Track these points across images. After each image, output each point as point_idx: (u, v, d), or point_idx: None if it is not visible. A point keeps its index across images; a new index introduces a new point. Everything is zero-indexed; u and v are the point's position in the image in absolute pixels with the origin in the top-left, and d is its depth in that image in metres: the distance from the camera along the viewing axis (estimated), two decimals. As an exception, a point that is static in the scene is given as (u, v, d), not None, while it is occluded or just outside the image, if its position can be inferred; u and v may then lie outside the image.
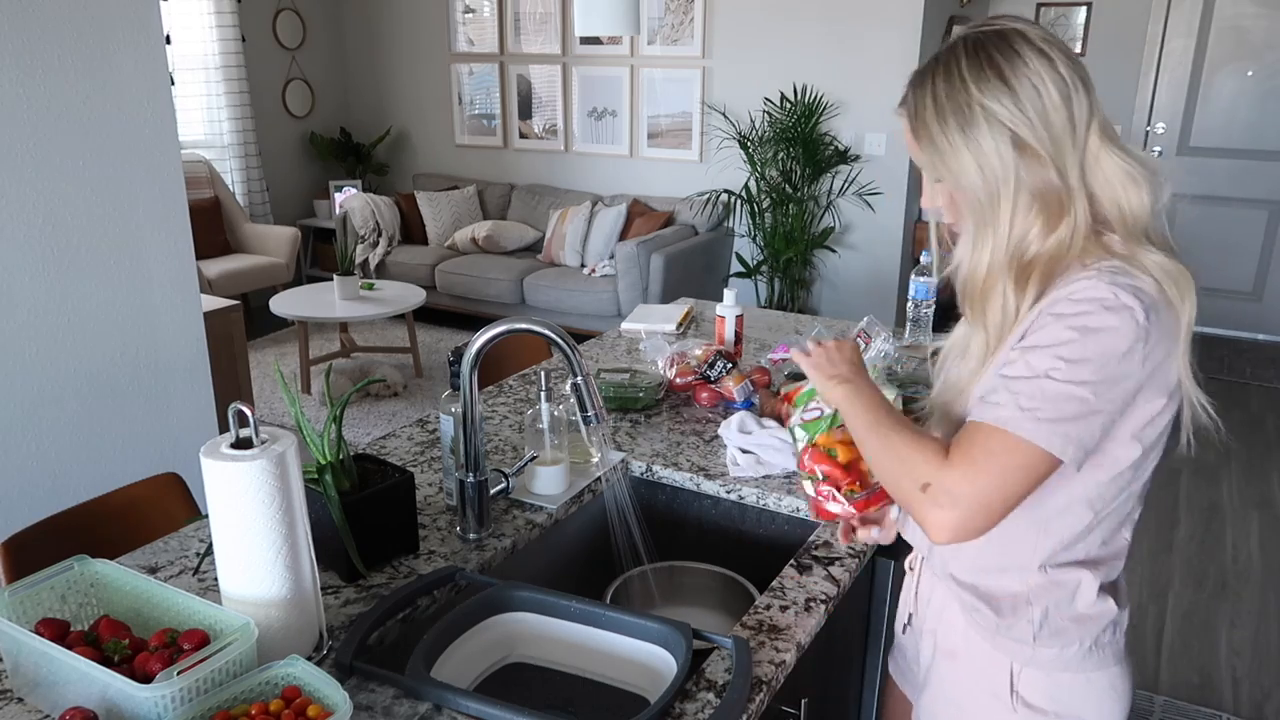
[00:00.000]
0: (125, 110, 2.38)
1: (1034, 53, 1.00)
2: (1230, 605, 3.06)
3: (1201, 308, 1.04)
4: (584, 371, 1.39)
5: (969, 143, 1.02)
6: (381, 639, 1.27)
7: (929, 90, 1.04)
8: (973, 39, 1.03)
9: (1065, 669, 1.14)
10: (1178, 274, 1.02)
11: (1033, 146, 1.00)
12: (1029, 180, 1.01)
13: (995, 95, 1.00)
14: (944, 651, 1.23)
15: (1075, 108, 1.01)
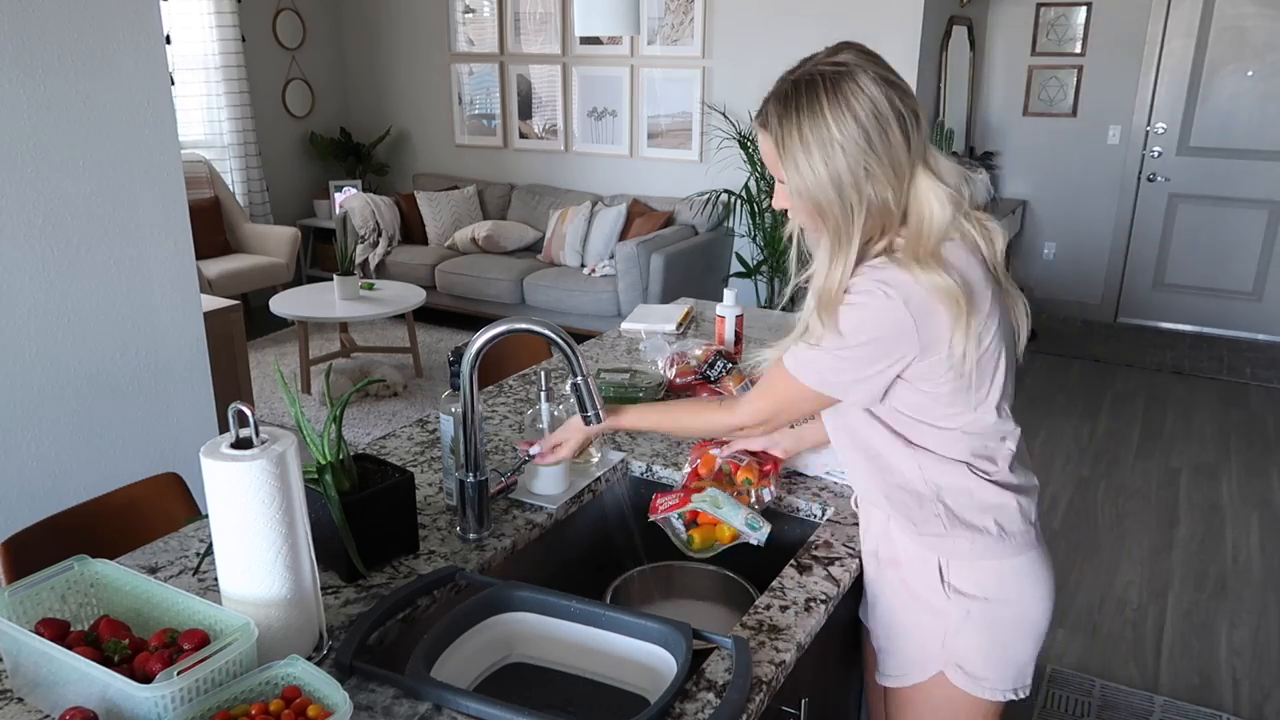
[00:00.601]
0: (125, 110, 2.38)
1: (880, 93, 1.17)
2: (1230, 605, 3.06)
3: (1201, 308, 1.08)
4: (584, 371, 1.39)
5: (830, 172, 1.18)
6: (381, 639, 1.27)
7: (794, 123, 1.19)
8: (829, 75, 1.18)
9: (983, 556, 1.32)
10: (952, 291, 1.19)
11: (878, 176, 1.18)
12: (874, 202, 1.20)
13: (849, 130, 1.16)
14: (887, 562, 1.40)
15: (912, 141, 1.20)
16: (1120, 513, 3.67)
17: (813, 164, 1.19)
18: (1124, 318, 6.00)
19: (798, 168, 1.20)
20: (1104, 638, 2.89)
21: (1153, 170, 5.68)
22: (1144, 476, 3.97)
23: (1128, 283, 5.94)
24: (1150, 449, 4.24)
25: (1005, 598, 1.34)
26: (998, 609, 1.33)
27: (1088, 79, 5.65)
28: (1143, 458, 4.15)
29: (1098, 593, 3.12)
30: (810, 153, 1.18)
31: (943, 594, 1.34)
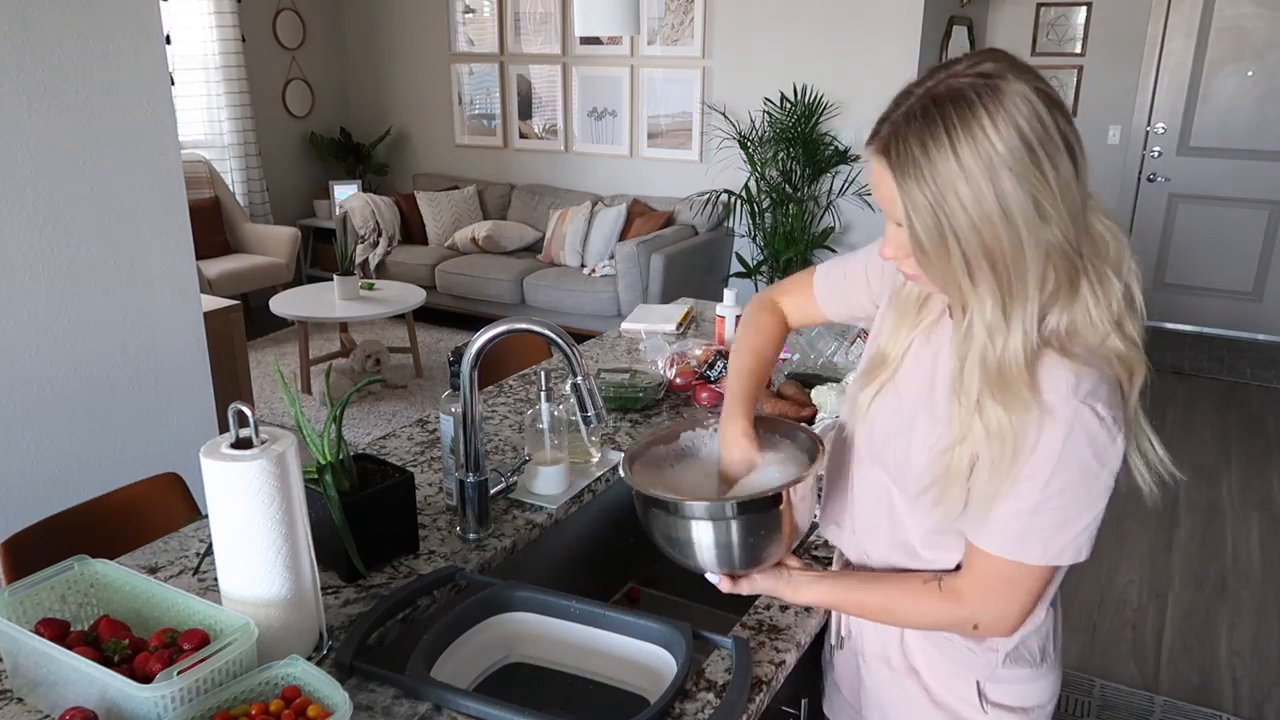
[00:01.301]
0: (125, 110, 2.38)
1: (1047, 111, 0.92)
2: (1230, 605, 3.06)
3: (1201, 308, 1.05)
4: (584, 371, 1.38)
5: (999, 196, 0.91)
6: (381, 639, 1.27)
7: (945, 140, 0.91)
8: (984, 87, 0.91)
9: (1025, 681, 1.20)
10: (1131, 362, 1.01)
11: (1050, 213, 0.92)
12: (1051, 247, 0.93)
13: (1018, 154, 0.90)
14: (902, 670, 1.23)
15: (1082, 175, 0.94)
16: (1120, 513, 3.67)
17: (978, 195, 0.90)
18: (1124, 318, 5.99)
19: (960, 200, 0.91)
20: (1104, 638, 2.89)
21: (1153, 170, 5.68)
22: (1144, 476, 3.96)
23: (1128, 283, 5.93)
24: (1150, 449, 4.23)
25: (1046, 701, 1.23)
26: (1036, 714, 1.22)
27: (1088, 79, 5.65)
28: (1143, 458, 4.14)
29: (1098, 593, 3.12)
30: (973, 180, 0.90)
31: (978, 708, 1.19)
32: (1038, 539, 1.02)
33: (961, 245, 0.93)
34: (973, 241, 0.93)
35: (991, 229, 0.92)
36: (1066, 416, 0.96)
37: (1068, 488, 0.99)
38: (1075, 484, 0.99)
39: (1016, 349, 0.96)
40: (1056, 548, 1.02)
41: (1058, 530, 1.01)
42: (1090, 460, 0.98)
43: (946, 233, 0.93)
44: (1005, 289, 0.94)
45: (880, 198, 0.98)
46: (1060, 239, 0.93)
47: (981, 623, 1.10)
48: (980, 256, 0.93)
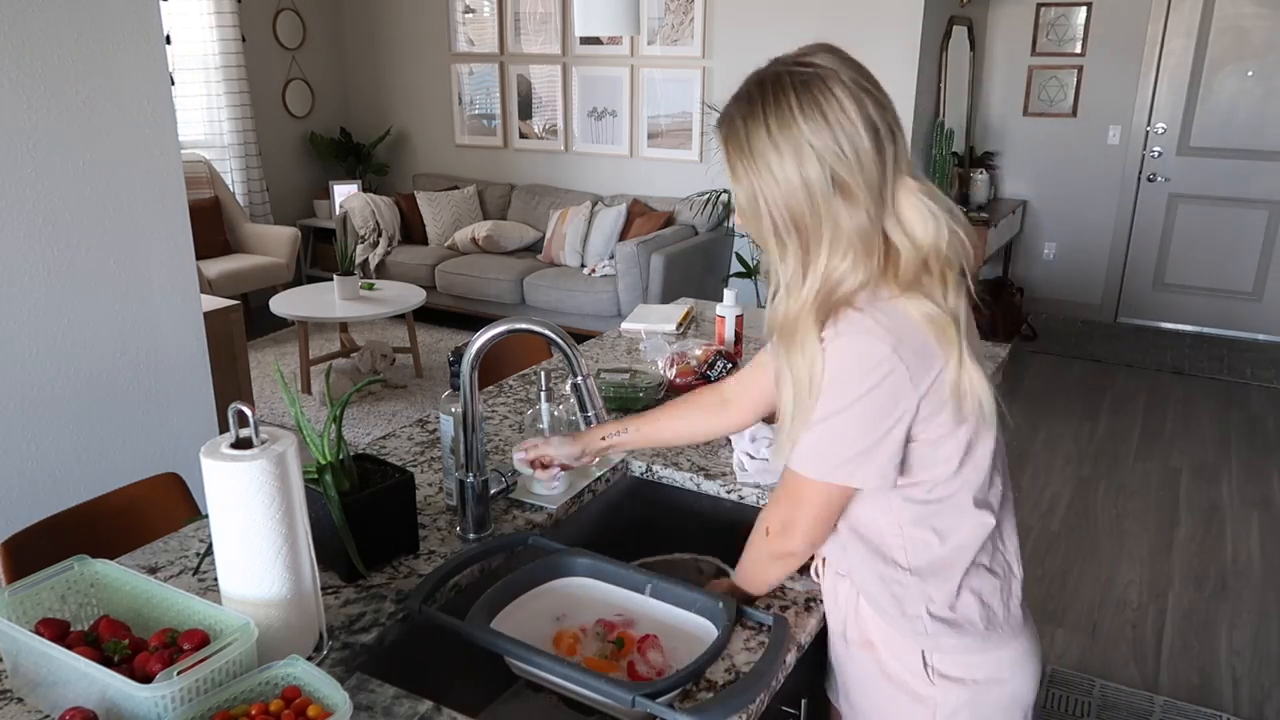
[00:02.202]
0: (125, 110, 2.38)
1: (851, 100, 1.05)
2: (1230, 605, 3.06)
3: (1201, 308, 1.07)
4: (584, 372, 1.39)
5: (801, 173, 1.05)
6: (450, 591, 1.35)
7: (761, 119, 1.06)
8: (798, 76, 1.06)
9: (970, 651, 1.22)
10: (939, 319, 1.09)
11: (851, 188, 1.05)
12: (847, 220, 1.06)
13: (820, 135, 1.04)
14: (859, 643, 1.28)
15: (886, 153, 1.06)
16: (1120, 513, 3.67)
17: (784, 168, 1.06)
18: (1124, 318, 6.00)
19: (770, 170, 1.07)
20: (1104, 638, 2.89)
21: (1153, 170, 5.68)
22: (1144, 476, 3.97)
23: (1128, 283, 5.94)
24: (1150, 449, 4.24)
25: (999, 678, 1.23)
26: (990, 689, 1.23)
27: (1088, 79, 5.66)
28: (1143, 458, 4.15)
29: (1098, 593, 3.12)
30: (781, 154, 1.06)
31: (927, 680, 1.22)
32: (815, 454, 1.13)
33: (772, 211, 1.09)
34: (780, 208, 1.08)
35: (795, 200, 1.07)
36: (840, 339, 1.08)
37: (839, 410, 1.09)
38: (847, 407, 1.09)
39: (805, 302, 1.10)
40: (828, 465, 1.13)
41: (835, 446, 1.12)
42: (858, 378, 1.08)
43: (759, 199, 1.09)
44: (804, 253, 1.10)
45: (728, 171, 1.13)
46: (857, 213, 1.06)
47: (771, 528, 1.23)
48: (788, 221, 1.09)
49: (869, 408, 1.09)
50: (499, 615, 1.28)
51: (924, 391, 1.09)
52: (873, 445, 1.10)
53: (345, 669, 1.19)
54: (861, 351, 1.08)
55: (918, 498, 1.16)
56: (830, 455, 1.13)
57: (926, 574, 1.19)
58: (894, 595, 1.20)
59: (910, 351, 1.07)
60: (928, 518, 1.17)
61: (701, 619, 1.27)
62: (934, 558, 1.18)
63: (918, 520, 1.17)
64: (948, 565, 1.19)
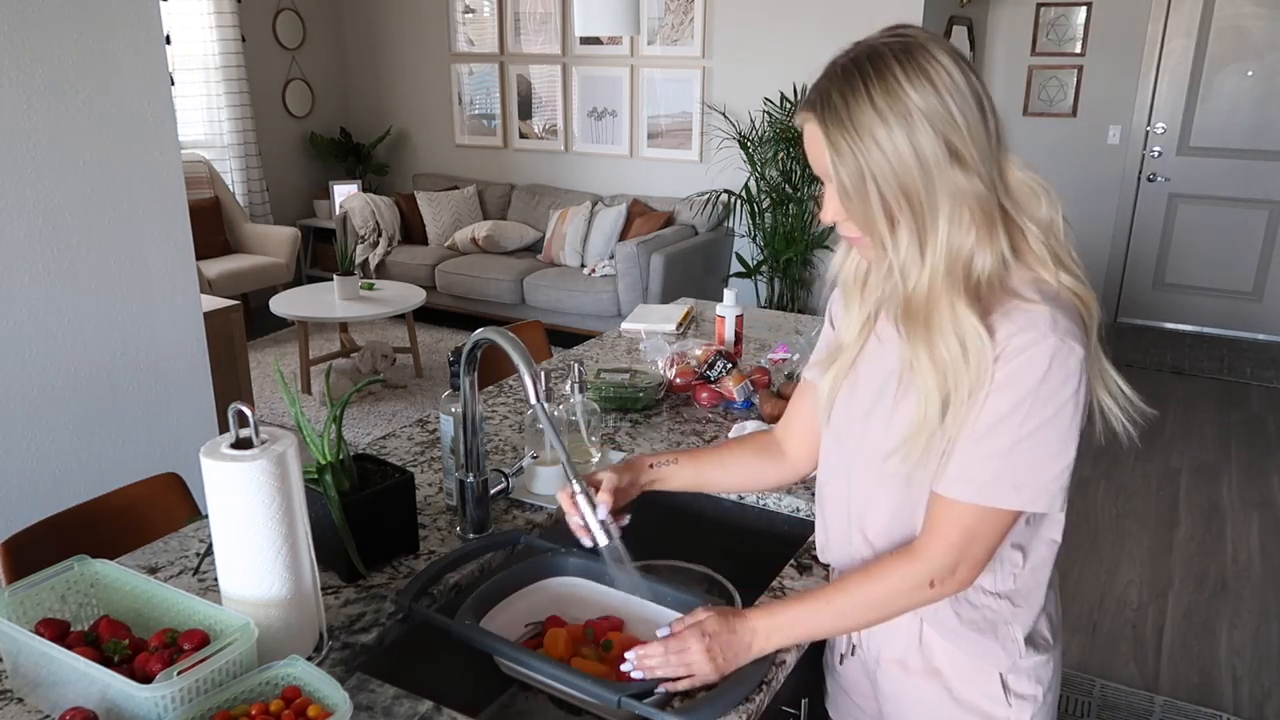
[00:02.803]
0: (125, 110, 2.38)
1: (955, 66, 1.00)
2: (1230, 605, 3.06)
3: (1201, 308, 1.06)
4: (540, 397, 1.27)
5: (912, 141, 0.98)
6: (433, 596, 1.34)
7: (864, 92, 0.99)
8: (898, 46, 1.01)
9: (1043, 665, 1.20)
10: (1087, 298, 1.05)
11: (964, 155, 0.99)
12: (966, 188, 1.00)
13: (929, 100, 0.98)
14: (923, 672, 1.21)
15: (990, 123, 1.02)
16: (1120, 513, 3.67)
17: (894, 138, 0.97)
18: (1124, 318, 6.00)
19: (877, 144, 0.98)
20: (1104, 638, 2.89)
21: (1153, 170, 5.68)
22: (1144, 476, 3.97)
23: (1128, 283, 5.94)
24: (1150, 449, 4.24)
25: (1054, 679, 1.22)
26: (1048, 698, 1.21)
27: (1088, 79, 5.66)
28: (1143, 458, 4.15)
29: (1098, 593, 3.12)
30: (889, 126, 0.97)
31: (1005, 702, 1.18)
32: (1010, 480, 1.03)
33: (880, 187, 1.00)
34: (891, 183, 0.99)
35: (906, 170, 0.99)
36: (1037, 350, 0.99)
37: (1042, 425, 1.00)
38: (1049, 420, 1.00)
39: (933, 281, 1.01)
40: (1030, 492, 1.03)
41: (1033, 470, 1.02)
42: (1060, 392, 1.00)
43: (866, 176, 1.00)
44: (921, 228, 1.00)
45: (813, 159, 1.05)
46: (974, 182, 0.99)
47: (936, 577, 1.09)
48: (899, 196, 1.00)
49: (1070, 422, 1.01)
50: (489, 614, 1.27)
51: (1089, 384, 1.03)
52: (1069, 464, 1.03)
53: (345, 669, 1.19)
54: (1062, 361, 0.99)
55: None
56: (1025, 480, 1.03)
57: (1017, 595, 1.16)
58: (984, 620, 1.16)
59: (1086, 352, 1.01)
60: (1019, 537, 1.13)
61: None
62: (1022, 577, 1.15)
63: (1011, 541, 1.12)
64: (1033, 584, 1.16)
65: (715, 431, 1.90)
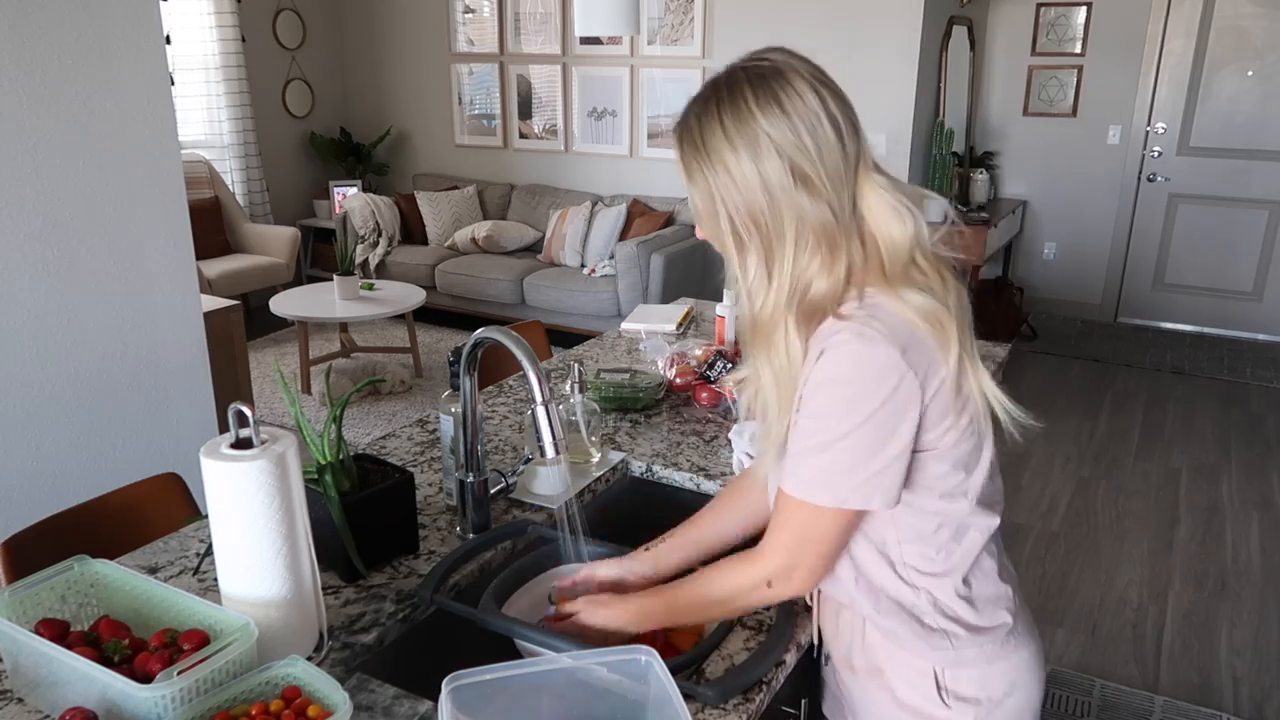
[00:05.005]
0: (125, 110, 2.38)
1: (810, 91, 1.03)
2: (1230, 605, 3.06)
3: (1201, 308, 1.06)
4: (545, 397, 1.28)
5: (759, 168, 1.02)
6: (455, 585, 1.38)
7: (715, 117, 1.04)
8: (754, 71, 1.04)
9: (988, 662, 1.18)
10: (936, 312, 1.05)
11: (813, 180, 1.02)
12: (810, 215, 1.03)
13: (779, 127, 1.02)
14: (867, 671, 1.23)
15: (848, 146, 1.04)
16: (1120, 513, 3.67)
17: (741, 165, 1.02)
18: (1124, 318, 6.00)
19: (727, 170, 1.03)
20: (1104, 638, 2.89)
21: (1153, 170, 5.68)
22: (1144, 476, 3.97)
23: (1128, 283, 5.94)
24: (1150, 449, 4.24)
25: (1010, 690, 1.20)
26: (1003, 704, 1.19)
27: (1088, 79, 5.66)
28: (1143, 458, 4.15)
29: (1098, 593, 3.12)
30: (738, 152, 1.03)
31: (941, 703, 1.18)
32: (826, 480, 1.06)
33: (729, 210, 1.05)
34: (739, 208, 1.04)
35: (753, 196, 1.03)
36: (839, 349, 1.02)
37: (856, 426, 1.03)
38: (864, 421, 1.02)
39: (776, 304, 1.05)
40: (845, 490, 1.06)
41: (850, 468, 1.05)
42: (867, 391, 1.02)
43: (716, 199, 1.05)
44: (768, 252, 1.05)
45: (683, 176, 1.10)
46: (820, 208, 1.03)
47: (773, 577, 1.12)
48: (747, 221, 1.04)
49: (883, 421, 1.03)
50: (507, 603, 1.30)
51: (932, 395, 1.04)
52: (889, 461, 1.05)
53: (345, 669, 1.19)
54: (867, 361, 1.02)
55: (928, 508, 1.11)
56: (845, 479, 1.05)
57: (941, 583, 1.15)
58: (909, 613, 1.15)
59: (917, 353, 1.02)
60: (937, 526, 1.13)
61: None
62: (948, 566, 1.14)
63: (927, 530, 1.13)
64: (958, 570, 1.16)
65: (715, 431, 1.90)
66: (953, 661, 1.17)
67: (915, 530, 1.13)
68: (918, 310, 1.04)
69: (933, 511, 1.12)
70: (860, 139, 1.06)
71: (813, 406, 1.05)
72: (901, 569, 1.15)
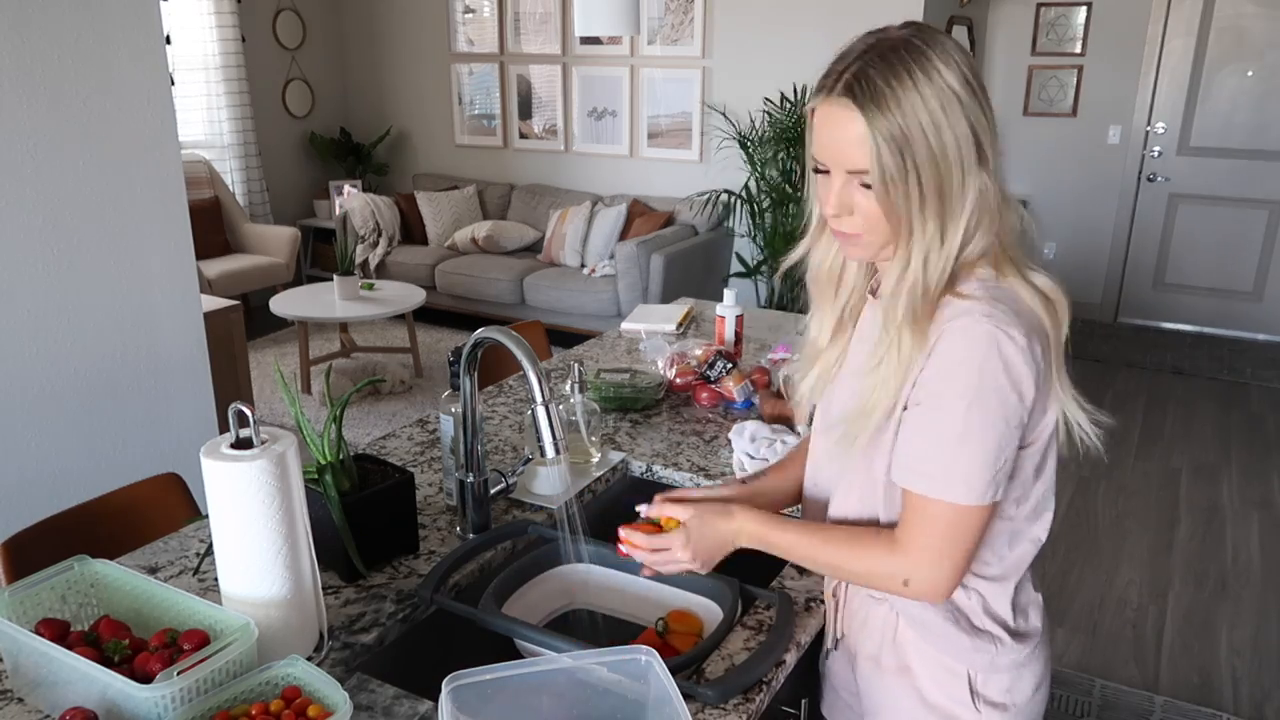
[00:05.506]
0: (125, 110, 2.38)
1: (968, 66, 1.01)
2: (1230, 605, 3.06)
3: (1201, 308, 1.06)
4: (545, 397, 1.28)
5: (954, 130, 0.98)
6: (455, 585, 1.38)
7: (907, 77, 0.97)
8: (928, 38, 1.00)
9: (1020, 667, 1.18)
10: (1055, 293, 1.05)
11: (985, 152, 1.01)
12: (986, 185, 1.01)
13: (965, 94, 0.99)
14: (895, 670, 1.21)
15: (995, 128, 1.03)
16: (1120, 513, 3.67)
17: (936, 120, 0.97)
18: (1124, 318, 6.00)
19: (921, 127, 0.97)
20: (1104, 638, 2.89)
21: (1153, 170, 5.68)
22: (1144, 476, 3.97)
23: (1128, 283, 5.94)
24: (1150, 449, 4.24)
25: (1032, 694, 1.20)
26: (1024, 709, 1.19)
27: (1088, 79, 5.65)
28: (1143, 458, 4.15)
29: (1098, 593, 3.12)
30: (931, 110, 0.97)
31: (972, 707, 1.16)
32: (967, 475, 1.01)
33: (920, 176, 0.99)
34: (929, 172, 0.99)
35: (945, 160, 0.99)
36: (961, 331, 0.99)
37: (988, 417, 0.99)
38: (994, 412, 0.99)
39: (942, 275, 1.01)
40: (983, 484, 1.02)
41: (988, 459, 1.01)
42: (1006, 386, 0.99)
43: (908, 163, 0.98)
44: (943, 219, 1.01)
45: (834, 143, 1.01)
46: (989, 180, 1.01)
47: (913, 577, 1.07)
48: (933, 187, 0.99)
49: (1013, 412, 1.00)
50: (508, 602, 1.31)
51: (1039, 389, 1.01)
52: (1013, 453, 1.02)
53: (345, 669, 1.19)
54: (998, 346, 0.98)
55: (1005, 512, 1.09)
56: (983, 474, 1.01)
57: (994, 587, 1.14)
58: (959, 612, 1.14)
59: (1039, 342, 1.00)
60: (1001, 529, 1.11)
61: (709, 601, 1.30)
62: (1001, 570, 1.14)
63: (991, 533, 1.10)
64: (1010, 576, 1.15)
65: (715, 431, 1.90)
66: (989, 665, 1.15)
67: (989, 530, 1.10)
68: (1040, 289, 1.03)
69: (999, 514, 1.10)
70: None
71: (937, 395, 1.01)
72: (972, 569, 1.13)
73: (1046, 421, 1.06)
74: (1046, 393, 1.04)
